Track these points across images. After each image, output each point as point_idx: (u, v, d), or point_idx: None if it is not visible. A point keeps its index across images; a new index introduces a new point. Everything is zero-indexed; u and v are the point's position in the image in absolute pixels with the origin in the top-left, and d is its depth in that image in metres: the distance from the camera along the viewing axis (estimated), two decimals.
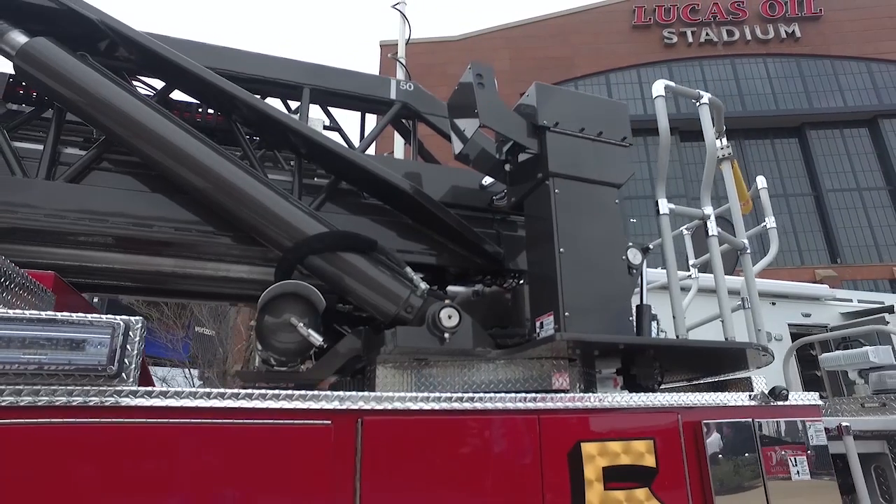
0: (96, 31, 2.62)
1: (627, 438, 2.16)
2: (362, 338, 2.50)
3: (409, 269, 2.56)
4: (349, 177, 2.90)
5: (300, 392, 1.86)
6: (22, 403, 1.50)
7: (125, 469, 1.57)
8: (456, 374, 2.43)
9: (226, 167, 2.53)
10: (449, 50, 24.23)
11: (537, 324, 2.39)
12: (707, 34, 24.76)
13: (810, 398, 2.54)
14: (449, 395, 2.06)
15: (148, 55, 2.68)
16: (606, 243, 2.49)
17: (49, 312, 1.57)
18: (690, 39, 24.81)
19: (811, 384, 6.85)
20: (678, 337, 2.59)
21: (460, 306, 2.45)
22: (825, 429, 2.47)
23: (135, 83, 2.94)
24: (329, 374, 2.59)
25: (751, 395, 2.47)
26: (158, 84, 2.95)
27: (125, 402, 1.61)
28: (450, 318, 2.33)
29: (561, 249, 2.35)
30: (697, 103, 2.89)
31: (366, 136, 3.43)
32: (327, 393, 1.91)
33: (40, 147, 2.57)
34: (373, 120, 3.53)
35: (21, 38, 2.46)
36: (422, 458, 1.92)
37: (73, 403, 1.56)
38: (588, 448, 2.09)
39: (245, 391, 1.78)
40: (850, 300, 8.36)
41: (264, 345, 2.28)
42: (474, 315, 2.50)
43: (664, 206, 2.69)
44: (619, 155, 2.66)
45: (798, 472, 2.32)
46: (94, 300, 3.58)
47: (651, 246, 3.22)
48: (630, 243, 2.85)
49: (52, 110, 2.65)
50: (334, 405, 1.89)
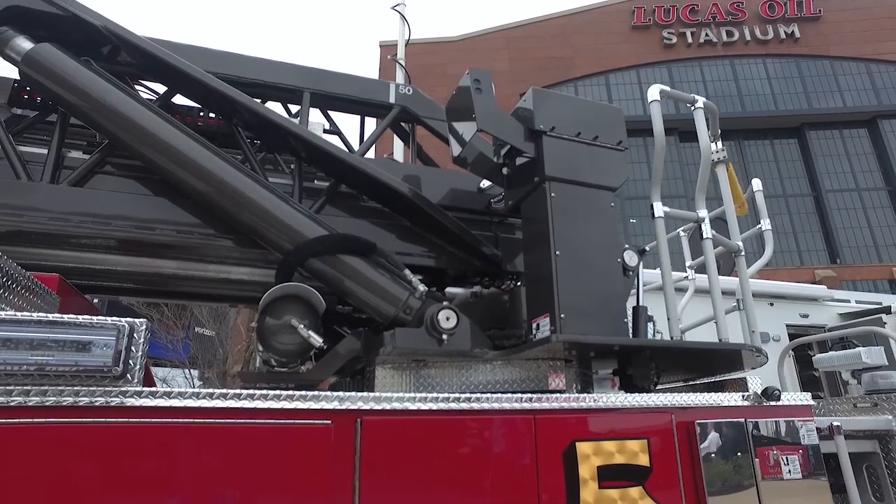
0: (99, 36, 2.66)
1: (622, 438, 2.19)
2: (362, 339, 2.52)
3: (407, 272, 2.59)
4: (349, 180, 2.93)
5: (301, 392, 1.89)
6: (30, 404, 1.54)
7: (130, 467, 1.61)
8: (454, 374, 2.46)
9: (227, 171, 2.56)
10: (449, 50, 24.25)
11: (534, 325, 2.42)
12: (706, 35, 24.77)
13: (802, 398, 2.58)
14: (447, 395, 2.09)
15: (150, 60, 2.72)
16: (602, 246, 2.52)
17: (56, 315, 1.61)
18: (690, 40, 24.82)
19: (809, 384, 6.89)
20: (672, 338, 2.63)
21: (459, 308, 2.48)
22: (817, 429, 2.50)
23: (137, 87, 2.98)
24: (329, 374, 2.61)
25: (744, 396, 2.50)
26: (160, 88, 3.00)
27: (130, 402, 1.65)
28: (448, 319, 2.36)
29: (557, 252, 2.38)
30: (692, 107, 2.93)
31: (365, 139, 3.46)
32: (327, 393, 1.94)
33: (44, 151, 2.60)
34: (372, 123, 3.57)
35: (26, 44, 2.50)
36: (420, 457, 1.95)
37: (80, 404, 1.59)
38: (583, 447, 2.12)
39: (247, 391, 1.81)
40: (848, 301, 8.39)
41: (265, 346, 2.31)
42: (472, 316, 2.53)
43: (659, 209, 2.73)
44: (615, 159, 2.69)
45: (790, 472, 2.35)
46: (94, 301, 3.61)
47: (647, 248, 3.27)
48: (626, 245, 2.88)
49: (56, 115, 2.68)
50: (334, 405, 1.92)
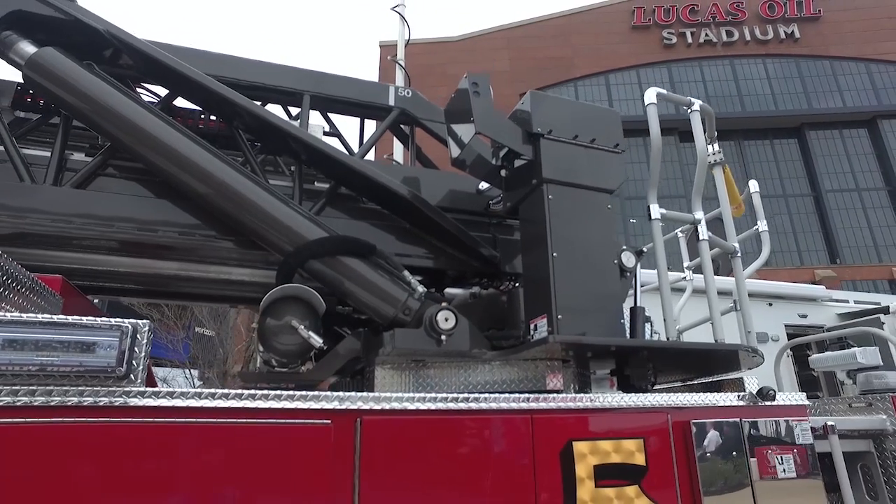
0: (101, 39, 2.68)
1: (618, 437, 2.21)
2: (361, 339, 2.55)
3: (406, 273, 2.61)
4: (348, 182, 2.95)
5: (301, 392, 1.92)
6: (36, 403, 1.57)
7: (133, 467, 1.63)
8: (453, 374, 2.48)
9: (228, 173, 2.58)
10: (449, 50, 24.25)
11: (531, 326, 2.45)
12: (706, 35, 24.77)
13: (797, 398, 2.60)
14: (445, 395, 2.11)
15: (152, 64, 2.74)
16: (599, 247, 2.55)
17: (60, 316, 1.64)
18: (690, 40, 24.82)
19: (808, 384, 6.93)
20: (668, 339, 2.65)
21: (458, 308, 2.50)
22: (812, 428, 2.53)
23: (139, 90, 3.01)
24: (329, 374, 2.64)
25: (739, 396, 2.53)
26: (162, 91, 3.02)
27: (133, 402, 1.68)
28: (446, 320, 2.39)
29: (554, 254, 2.41)
30: (689, 110, 2.96)
31: (365, 141, 3.49)
32: (327, 393, 1.96)
33: (47, 153, 2.63)
34: (372, 125, 3.59)
35: (30, 49, 2.52)
36: (419, 457, 1.98)
37: (84, 404, 1.62)
38: (580, 447, 2.14)
39: (248, 391, 1.84)
40: (847, 301, 8.42)
41: (266, 346, 2.34)
42: (471, 317, 2.55)
43: (655, 211, 2.76)
44: (612, 161, 2.71)
45: (784, 471, 2.37)
46: (95, 301, 3.64)
47: (645, 249, 3.29)
48: (624, 246, 2.91)
49: (58, 118, 2.71)
50: (334, 405, 1.94)
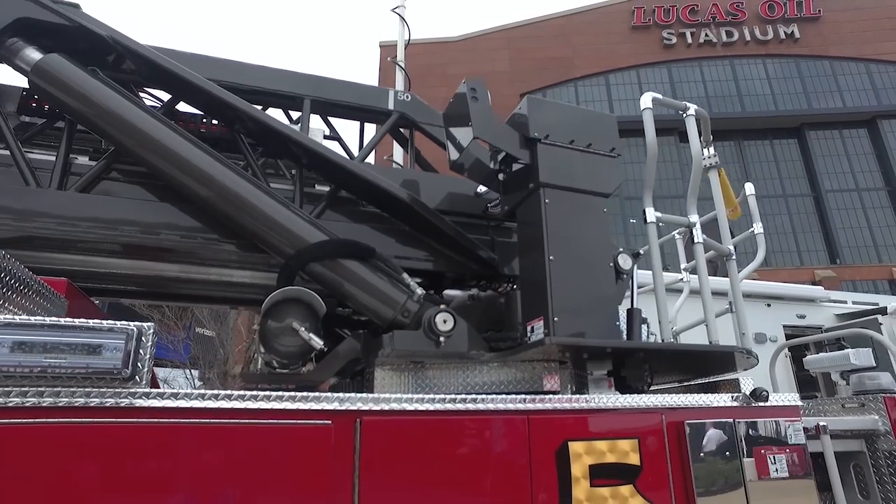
0: (105, 45, 2.72)
1: (613, 438, 2.25)
2: (361, 341, 2.58)
3: (405, 275, 2.65)
4: (349, 186, 2.98)
5: (302, 393, 1.95)
6: (44, 404, 1.61)
7: (138, 466, 1.67)
8: (451, 376, 2.52)
9: (229, 177, 2.61)
10: (449, 50, 24.27)
11: (528, 328, 2.49)
12: (706, 35, 24.77)
13: (790, 399, 2.63)
14: (443, 396, 2.15)
15: (154, 69, 2.78)
16: (595, 250, 2.58)
17: (68, 319, 1.68)
18: (690, 40, 24.82)
19: (807, 385, 6.98)
20: (663, 340, 2.69)
21: (456, 310, 2.54)
22: (804, 429, 2.56)
23: (142, 95, 3.05)
24: (329, 375, 2.67)
25: (733, 397, 2.56)
26: (165, 96, 3.06)
27: (139, 403, 1.72)
28: (445, 322, 2.42)
29: (551, 257, 2.44)
30: (684, 114, 2.99)
31: (365, 145, 3.53)
32: (328, 394, 1.99)
33: (52, 158, 2.67)
34: (372, 129, 3.63)
35: (35, 55, 2.56)
36: (417, 456, 2.01)
37: (91, 405, 1.66)
38: (575, 447, 2.17)
39: (250, 393, 1.87)
40: (845, 301, 8.46)
41: (267, 348, 2.37)
42: (470, 319, 2.59)
43: (651, 214, 2.80)
44: (608, 165, 2.75)
45: (777, 471, 2.41)
46: (96, 301, 3.68)
47: (641, 251, 3.33)
48: (620, 249, 2.95)
49: (63, 122, 2.75)
50: (334, 406, 1.97)
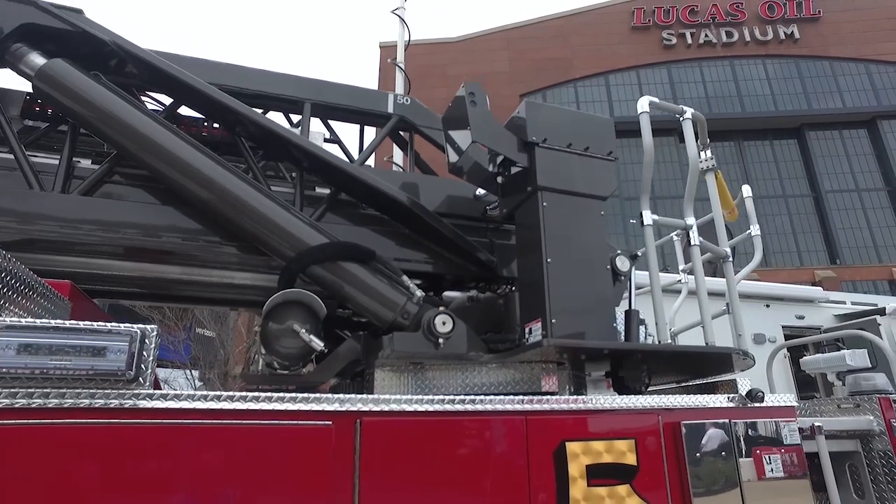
0: (108, 50, 2.75)
1: (610, 438, 2.27)
2: (361, 342, 2.60)
3: (405, 278, 2.67)
4: (349, 189, 3.01)
5: (303, 394, 1.98)
6: (49, 405, 1.64)
7: (141, 466, 1.70)
8: (451, 377, 2.54)
9: (230, 180, 2.64)
10: (448, 51, 24.28)
11: (526, 329, 2.51)
12: (706, 35, 24.78)
13: (786, 400, 2.66)
14: (442, 397, 2.17)
15: (156, 73, 2.81)
16: (592, 253, 2.61)
17: (73, 322, 1.70)
18: (689, 41, 24.83)
19: (806, 385, 7.02)
20: (660, 342, 2.72)
21: (456, 312, 2.57)
22: (800, 429, 2.59)
23: (144, 99, 3.08)
24: (330, 376, 2.69)
25: (729, 397, 2.59)
26: (167, 100, 3.09)
27: (142, 404, 1.74)
28: (444, 324, 2.45)
29: (549, 259, 2.47)
30: (681, 118, 3.02)
31: (364, 148, 3.55)
32: (328, 395, 2.01)
33: (55, 161, 2.70)
34: (371, 132, 3.66)
35: (39, 60, 2.59)
36: (417, 457, 2.04)
37: (96, 406, 1.69)
38: (572, 447, 2.20)
39: (252, 394, 1.90)
40: (844, 302, 8.50)
41: (268, 350, 2.40)
42: (469, 320, 2.61)
43: (648, 217, 2.83)
44: (605, 169, 2.77)
45: (772, 470, 2.43)
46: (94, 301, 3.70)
47: (640, 253, 3.36)
48: (618, 251, 2.97)
49: (66, 126, 2.78)
50: (335, 407, 2.00)
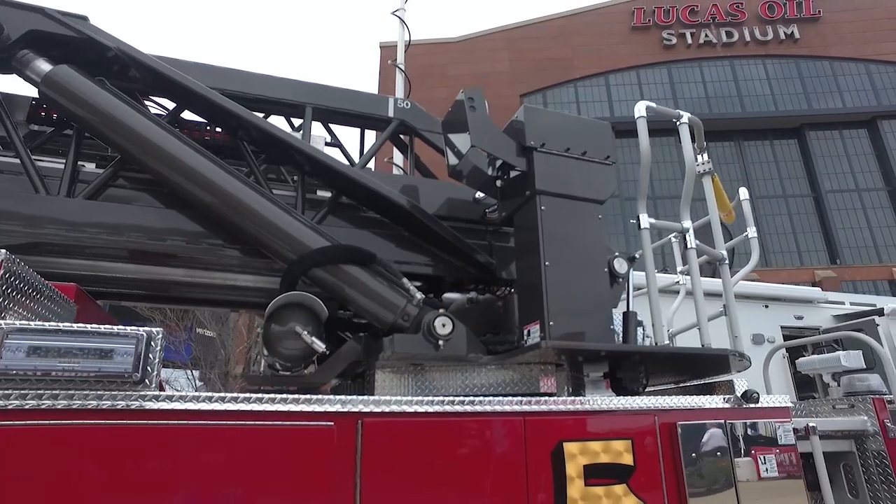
0: (112, 56, 2.79)
1: (607, 438, 2.31)
2: (362, 344, 2.64)
3: (405, 280, 2.71)
4: (349, 192, 3.04)
5: (304, 396, 2.01)
6: (58, 407, 1.68)
7: (147, 467, 1.74)
8: (450, 378, 2.58)
9: (233, 184, 2.68)
10: (449, 51, 24.31)
11: (525, 332, 2.54)
12: (706, 35, 24.79)
13: (781, 400, 2.70)
14: (442, 398, 2.21)
15: (160, 79, 2.84)
16: (590, 256, 2.64)
17: (80, 325, 1.74)
18: (690, 41, 24.84)
19: (805, 386, 7.05)
20: (657, 344, 2.75)
21: (455, 313, 2.60)
22: (794, 429, 2.62)
23: (147, 103, 3.11)
24: (331, 378, 2.73)
25: (724, 398, 2.63)
26: (169, 104, 3.13)
27: (149, 405, 1.78)
28: (444, 326, 2.48)
29: (546, 262, 2.50)
30: (677, 122, 3.05)
31: (365, 151, 3.59)
32: (330, 396, 2.05)
33: (61, 165, 2.74)
34: (372, 136, 3.69)
35: (45, 66, 2.62)
36: (417, 457, 2.07)
37: (103, 407, 1.73)
38: (570, 447, 2.23)
39: (255, 395, 1.94)
40: (843, 303, 8.52)
41: (271, 351, 2.44)
42: (468, 322, 2.65)
43: (644, 220, 2.87)
44: (603, 172, 2.81)
45: (767, 471, 2.47)
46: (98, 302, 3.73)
47: (637, 255, 3.39)
48: (616, 253, 3.01)
49: (71, 131, 2.82)
50: (336, 408, 2.03)
